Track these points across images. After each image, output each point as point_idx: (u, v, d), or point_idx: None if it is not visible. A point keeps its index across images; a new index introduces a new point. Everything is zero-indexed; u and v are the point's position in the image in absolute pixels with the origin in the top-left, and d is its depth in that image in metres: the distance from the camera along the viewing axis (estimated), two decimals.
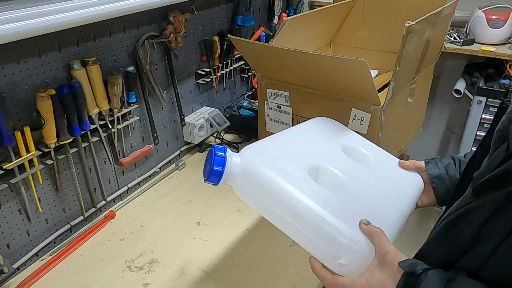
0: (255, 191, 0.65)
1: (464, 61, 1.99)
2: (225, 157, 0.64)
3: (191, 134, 1.40)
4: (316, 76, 1.10)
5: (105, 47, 1.06)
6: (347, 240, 0.59)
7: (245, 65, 1.62)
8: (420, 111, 1.51)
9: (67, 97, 0.95)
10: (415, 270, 0.53)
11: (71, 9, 0.87)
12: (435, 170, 0.78)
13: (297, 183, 0.64)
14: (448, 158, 0.80)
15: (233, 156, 0.66)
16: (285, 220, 0.63)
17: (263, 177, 0.64)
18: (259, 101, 1.36)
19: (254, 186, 0.64)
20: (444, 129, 2.27)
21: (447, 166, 0.78)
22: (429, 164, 0.79)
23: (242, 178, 0.65)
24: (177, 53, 1.29)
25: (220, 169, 0.63)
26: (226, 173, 0.64)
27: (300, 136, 0.84)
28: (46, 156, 0.97)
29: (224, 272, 0.97)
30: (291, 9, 1.82)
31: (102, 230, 1.12)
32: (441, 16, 1.17)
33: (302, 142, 0.81)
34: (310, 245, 0.62)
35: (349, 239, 0.59)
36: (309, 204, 0.61)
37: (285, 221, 0.63)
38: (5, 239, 0.94)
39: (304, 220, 0.61)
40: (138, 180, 1.27)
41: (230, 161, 0.64)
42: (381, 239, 0.58)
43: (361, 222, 0.60)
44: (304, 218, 0.61)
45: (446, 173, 0.77)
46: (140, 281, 0.95)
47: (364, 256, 0.58)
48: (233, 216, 1.15)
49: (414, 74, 1.22)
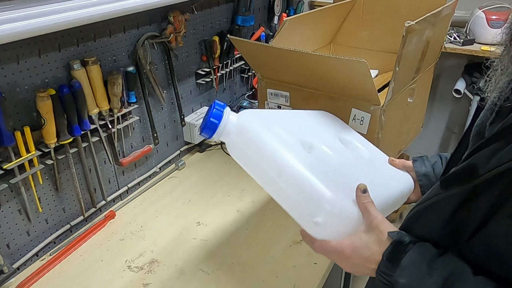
0: (247, 148, 0.66)
1: (464, 61, 1.99)
2: (223, 112, 0.66)
3: (191, 134, 1.40)
4: (316, 76, 1.10)
5: (105, 47, 1.06)
6: (329, 204, 0.59)
7: (245, 65, 1.62)
8: (420, 111, 1.51)
9: (67, 97, 0.95)
10: (404, 240, 0.54)
11: (71, 9, 0.87)
12: (422, 168, 0.79)
13: (289, 147, 0.66)
14: (435, 157, 0.80)
15: (231, 114, 0.68)
16: (270, 177, 0.64)
17: (257, 135, 0.66)
18: (259, 101, 1.36)
19: (247, 143, 0.66)
20: (444, 129, 2.27)
21: (434, 165, 0.79)
22: (416, 162, 0.80)
23: (236, 135, 0.66)
24: (177, 53, 1.29)
25: (216, 122, 0.65)
26: (221, 127, 0.65)
27: (299, 116, 0.86)
28: (46, 156, 0.97)
29: (224, 272, 0.97)
30: (291, 9, 1.82)
31: (102, 230, 1.12)
32: (441, 16, 1.17)
33: (300, 121, 0.83)
34: (291, 205, 0.64)
35: (331, 202, 0.59)
36: (297, 165, 0.63)
37: (270, 178, 0.64)
38: (5, 239, 0.94)
39: (288, 178, 0.63)
40: (138, 180, 1.27)
41: (227, 117, 0.66)
42: (370, 207, 0.58)
43: (359, 186, 0.60)
44: (289, 176, 0.62)
45: (433, 171, 0.78)
46: (140, 281, 0.95)
47: (346, 220, 0.59)
48: (233, 216, 1.15)
49: (414, 74, 1.22)
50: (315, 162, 0.67)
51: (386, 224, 0.57)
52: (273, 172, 0.64)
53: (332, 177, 0.65)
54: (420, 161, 0.80)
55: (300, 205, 0.62)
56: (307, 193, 0.61)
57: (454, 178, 0.53)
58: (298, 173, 0.62)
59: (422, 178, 0.78)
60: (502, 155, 0.45)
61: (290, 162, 0.63)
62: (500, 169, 0.44)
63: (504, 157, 0.45)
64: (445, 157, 0.80)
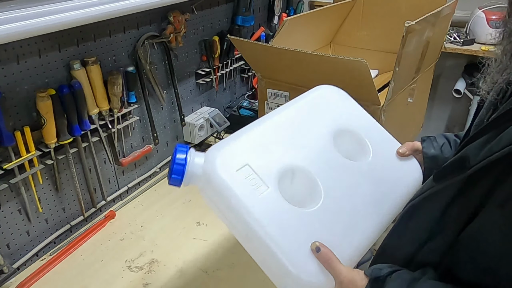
0: (216, 199, 0.60)
1: (464, 61, 1.99)
2: (186, 159, 0.59)
3: (191, 134, 1.40)
4: (316, 76, 1.10)
5: (105, 47, 1.06)
6: (293, 281, 0.55)
7: (245, 65, 1.62)
8: (420, 111, 1.51)
9: (67, 97, 0.95)
10: (380, 275, 0.54)
11: (71, 9, 0.87)
12: (430, 150, 0.76)
13: (258, 199, 0.58)
14: (442, 138, 0.78)
15: (196, 156, 0.61)
16: (242, 236, 0.60)
17: (222, 187, 0.58)
18: (259, 101, 1.36)
19: (214, 194, 0.60)
20: (444, 129, 2.27)
21: (442, 147, 0.77)
22: (424, 143, 0.77)
23: (204, 183, 0.60)
24: (177, 53, 1.29)
25: (180, 170, 0.59)
26: (187, 175, 0.59)
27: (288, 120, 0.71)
28: (46, 156, 0.97)
29: (224, 272, 0.97)
30: (291, 9, 1.82)
31: (102, 230, 1.12)
32: (441, 16, 1.18)
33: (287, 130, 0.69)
34: (263, 266, 0.60)
35: (295, 279, 0.55)
36: (261, 234, 0.56)
37: (242, 237, 0.60)
38: (5, 239, 0.94)
39: (255, 246, 0.58)
40: (138, 180, 1.27)
41: (192, 162, 0.60)
42: (332, 265, 0.56)
43: (312, 248, 0.56)
44: (255, 244, 0.57)
45: (441, 152, 0.76)
46: (140, 281, 0.95)
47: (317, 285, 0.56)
48: None
49: (414, 74, 1.22)
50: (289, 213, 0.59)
51: (356, 275, 0.55)
52: (241, 234, 0.59)
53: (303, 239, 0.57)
54: (428, 141, 0.77)
55: (268, 271, 0.59)
56: (272, 267, 0.57)
57: (446, 171, 0.54)
58: (263, 244, 0.56)
59: (429, 161, 0.76)
60: (493, 146, 0.46)
61: (255, 229, 0.56)
62: (491, 159, 0.45)
63: (494, 147, 0.45)
64: (453, 139, 0.77)
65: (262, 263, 0.60)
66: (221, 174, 0.58)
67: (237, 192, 0.57)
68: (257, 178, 0.59)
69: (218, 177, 0.58)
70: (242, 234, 0.59)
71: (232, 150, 0.62)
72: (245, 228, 0.57)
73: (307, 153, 0.66)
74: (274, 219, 0.57)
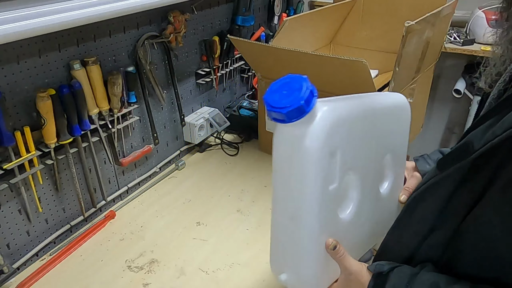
0: (295, 155, 0.53)
1: (464, 61, 1.99)
2: (315, 97, 0.50)
3: (191, 134, 1.40)
4: (316, 76, 1.09)
5: (105, 47, 1.06)
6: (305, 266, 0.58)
7: (245, 65, 1.62)
8: (420, 111, 1.51)
9: (67, 97, 0.95)
10: (383, 270, 0.55)
11: (71, 9, 0.87)
12: (426, 166, 0.77)
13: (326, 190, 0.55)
14: (436, 153, 0.79)
15: (320, 103, 0.52)
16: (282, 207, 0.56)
17: (311, 152, 0.51)
18: (259, 101, 1.36)
19: (297, 150, 0.52)
20: (444, 129, 2.27)
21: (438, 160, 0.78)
22: (418, 162, 0.78)
23: (299, 130, 0.51)
24: (177, 53, 1.29)
25: (310, 100, 0.49)
26: (307, 116, 0.49)
27: (373, 120, 0.64)
28: (46, 156, 0.97)
29: (224, 272, 0.97)
30: (291, 9, 1.82)
31: (102, 230, 1.12)
32: (441, 16, 1.18)
33: (369, 131, 0.63)
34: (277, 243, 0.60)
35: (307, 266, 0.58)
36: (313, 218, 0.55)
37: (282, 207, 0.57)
38: (5, 239, 0.94)
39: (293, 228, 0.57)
40: (138, 180, 1.27)
41: (314, 101, 0.50)
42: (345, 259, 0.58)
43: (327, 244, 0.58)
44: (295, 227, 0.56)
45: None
46: (140, 281, 0.95)
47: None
48: (233, 216, 1.15)
49: (414, 74, 1.22)
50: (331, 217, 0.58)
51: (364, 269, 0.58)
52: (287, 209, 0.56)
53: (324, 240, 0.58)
54: (421, 160, 0.79)
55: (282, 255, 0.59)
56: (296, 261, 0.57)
57: (450, 157, 0.53)
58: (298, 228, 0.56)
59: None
60: (495, 129, 0.46)
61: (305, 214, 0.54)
62: (493, 142, 0.45)
63: (497, 131, 0.45)
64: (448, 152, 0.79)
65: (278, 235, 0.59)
66: (321, 140, 0.52)
67: (318, 169, 0.53)
68: (336, 168, 0.55)
69: (317, 141, 0.51)
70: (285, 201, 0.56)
71: (342, 122, 0.55)
72: (296, 203, 0.54)
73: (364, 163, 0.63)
74: (322, 215, 0.55)
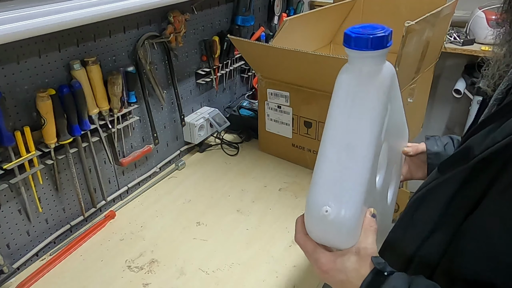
0: (362, 90, 0.56)
1: (464, 61, 1.99)
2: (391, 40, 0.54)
3: (191, 134, 1.40)
4: (316, 76, 1.10)
5: (105, 47, 1.06)
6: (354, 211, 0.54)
7: (245, 65, 1.62)
8: (420, 111, 1.51)
9: (67, 97, 0.95)
10: (385, 270, 0.53)
11: (71, 9, 0.87)
12: (434, 147, 0.80)
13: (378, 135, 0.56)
14: (447, 138, 0.82)
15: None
16: (338, 134, 0.56)
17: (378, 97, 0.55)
18: (259, 101, 1.36)
19: (365, 90, 0.56)
20: (444, 129, 2.27)
21: (445, 145, 0.80)
22: (428, 141, 0.82)
23: (370, 68, 0.56)
24: (177, 53, 1.29)
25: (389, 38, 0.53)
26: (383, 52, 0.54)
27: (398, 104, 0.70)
28: (46, 156, 0.97)
29: (224, 272, 0.97)
30: (291, 9, 1.82)
31: (102, 230, 1.12)
32: (441, 16, 1.18)
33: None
34: (322, 174, 0.56)
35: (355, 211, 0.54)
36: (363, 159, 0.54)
37: (337, 135, 0.56)
38: (5, 239, 0.94)
39: (346, 156, 0.55)
40: (138, 180, 1.27)
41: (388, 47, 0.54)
42: (370, 233, 0.56)
43: (370, 209, 0.57)
44: (349, 156, 0.55)
45: (444, 150, 0.80)
46: (140, 281, 0.95)
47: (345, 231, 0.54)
48: (233, 216, 1.15)
49: (414, 74, 1.22)
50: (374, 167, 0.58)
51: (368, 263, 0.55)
52: (343, 139, 0.55)
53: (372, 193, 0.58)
54: (432, 140, 0.82)
55: (329, 186, 0.55)
56: (344, 190, 0.54)
57: (451, 161, 0.54)
58: (357, 166, 0.54)
59: (433, 157, 0.79)
60: (495, 135, 0.46)
61: (360, 152, 0.54)
62: (493, 148, 0.45)
63: (497, 136, 0.46)
64: (456, 139, 0.81)
65: (327, 165, 0.56)
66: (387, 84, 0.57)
67: (381, 107, 0.56)
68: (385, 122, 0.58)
69: (385, 82, 0.56)
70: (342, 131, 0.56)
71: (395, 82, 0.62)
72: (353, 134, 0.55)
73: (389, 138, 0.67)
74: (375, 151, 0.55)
